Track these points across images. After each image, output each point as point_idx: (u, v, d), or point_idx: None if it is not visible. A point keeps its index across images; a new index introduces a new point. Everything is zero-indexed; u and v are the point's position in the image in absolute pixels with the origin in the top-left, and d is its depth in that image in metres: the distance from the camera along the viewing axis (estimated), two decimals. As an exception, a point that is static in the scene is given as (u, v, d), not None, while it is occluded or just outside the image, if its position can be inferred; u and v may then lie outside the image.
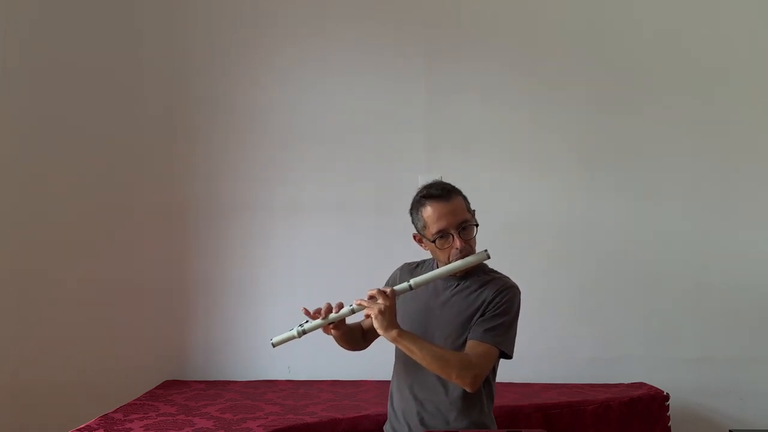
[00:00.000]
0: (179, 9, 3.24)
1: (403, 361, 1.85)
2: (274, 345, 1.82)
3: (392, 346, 2.22)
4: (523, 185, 3.14)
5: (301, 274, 3.15)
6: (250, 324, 3.16)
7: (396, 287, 1.74)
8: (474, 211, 1.86)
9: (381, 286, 1.77)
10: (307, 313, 1.78)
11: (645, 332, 3.09)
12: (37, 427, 3.06)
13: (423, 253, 1.97)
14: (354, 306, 1.73)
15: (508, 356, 1.76)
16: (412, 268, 1.98)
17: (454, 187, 1.83)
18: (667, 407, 2.71)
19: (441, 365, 1.66)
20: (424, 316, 1.83)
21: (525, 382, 2.96)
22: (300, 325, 1.76)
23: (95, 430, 2.22)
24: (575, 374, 3.03)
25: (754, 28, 3.14)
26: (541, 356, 3.08)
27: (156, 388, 2.91)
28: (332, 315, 1.75)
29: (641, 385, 2.89)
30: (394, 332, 1.66)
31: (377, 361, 3.01)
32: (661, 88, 3.15)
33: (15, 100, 3.19)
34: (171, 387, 2.92)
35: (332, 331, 1.81)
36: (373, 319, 1.66)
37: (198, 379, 3.09)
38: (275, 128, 3.20)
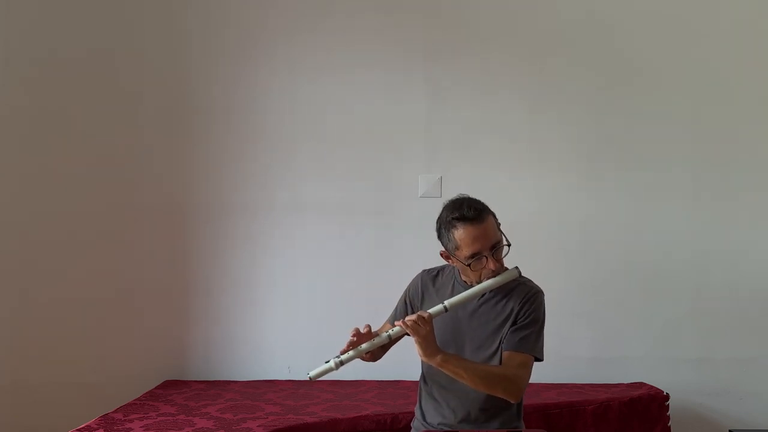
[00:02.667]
0: (179, 8, 3.24)
1: (430, 366, 1.85)
2: (311, 379, 1.84)
3: (394, 349, 2.23)
4: (523, 185, 3.14)
5: (302, 274, 3.15)
6: (250, 324, 3.16)
7: (432, 311, 1.74)
8: (501, 229, 1.88)
9: (399, 293, 1.84)
10: (355, 332, 1.79)
11: (645, 332, 3.09)
12: (37, 427, 3.06)
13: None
14: (391, 333, 1.77)
15: (541, 360, 1.83)
16: (433, 276, 1.99)
17: (485, 206, 1.85)
18: (667, 407, 2.71)
19: (488, 384, 1.71)
20: (453, 327, 1.85)
21: (525, 382, 2.96)
22: (337, 357, 1.77)
23: (95, 430, 2.22)
24: (575, 374, 3.03)
25: (756, 28, 3.14)
26: (541, 356, 3.08)
27: (156, 388, 2.91)
28: (364, 345, 1.77)
29: (641, 385, 2.89)
30: (438, 358, 1.69)
31: (377, 362, 3.03)
32: (661, 88, 3.14)
33: (15, 100, 3.19)
34: (171, 387, 2.92)
35: (367, 356, 1.85)
36: (417, 346, 1.68)
37: (198, 379, 3.09)
38: (275, 128, 3.20)
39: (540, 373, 2.94)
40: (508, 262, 2.02)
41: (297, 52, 3.20)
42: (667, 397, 2.72)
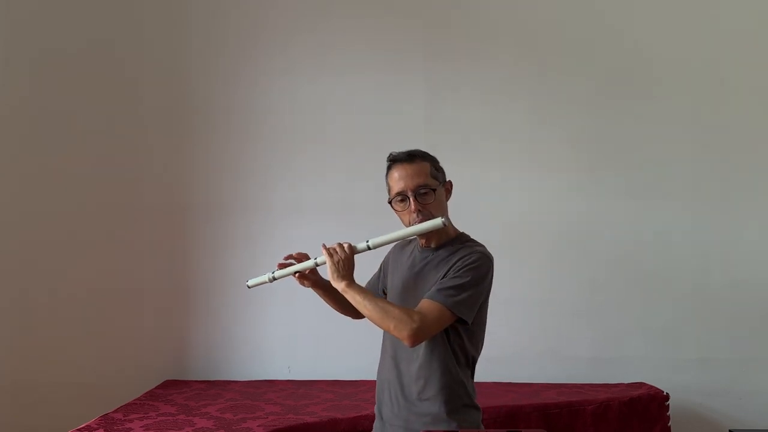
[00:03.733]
0: (180, 8, 3.24)
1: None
2: (249, 287, 1.94)
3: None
4: (524, 185, 3.14)
5: (301, 274, 3.14)
6: (250, 324, 3.16)
7: (356, 245, 1.80)
8: (449, 182, 1.85)
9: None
10: (287, 258, 1.88)
11: (645, 332, 3.09)
12: (37, 427, 3.06)
13: None
14: (317, 259, 1.81)
15: (465, 321, 1.69)
16: (405, 243, 1.98)
17: (426, 154, 1.85)
18: (667, 407, 2.71)
19: (381, 316, 1.65)
20: (402, 288, 1.85)
21: (525, 382, 2.96)
22: (272, 272, 1.88)
23: (95, 430, 2.22)
24: (575, 374, 3.03)
25: (756, 28, 3.14)
26: (541, 356, 3.08)
27: (156, 388, 2.91)
28: (297, 265, 1.85)
29: (641, 385, 2.89)
30: (343, 283, 1.72)
31: (377, 361, 3.02)
32: (661, 88, 3.14)
33: (15, 100, 3.19)
34: (171, 387, 2.92)
35: (305, 283, 1.89)
36: (328, 268, 1.73)
37: (198, 379, 3.09)
38: (275, 128, 3.20)
39: (540, 373, 2.98)
40: (508, 260, 2.02)
41: (297, 52, 3.21)
42: (667, 397, 2.72)
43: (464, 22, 3.19)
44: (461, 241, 1.82)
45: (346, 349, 3.07)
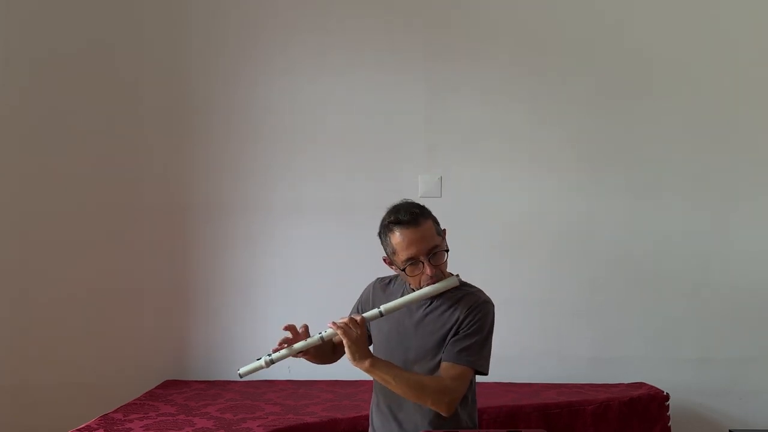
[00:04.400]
0: (180, 8, 3.24)
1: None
2: (241, 376, 1.80)
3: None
4: (524, 185, 3.14)
5: (301, 274, 3.15)
6: (250, 324, 3.16)
7: (366, 315, 1.72)
8: (444, 231, 1.82)
9: (353, 309, 1.76)
10: (290, 329, 1.77)
11: (645, 332, 3.09)
12: (37, 427, 3.06)
13: None
14: (323, 334, 1.72)
15: (484, 373, 1.75)
16: (385, 284, 1.95)
17: (423, 209, 1.79)
18: (667, 407, 2.71)
19: (416, 393, 1.65)
20: (398, 336, 1.81)
21: (525, 382, 2.96)
22: (268, 355, 1.76)
23: (95, 430, 2.22)
24: (575, 374, 3.03)
25: (755, 28, 3.14)
26: (541, 356, 3.08)
27: (156, 388, 2.91)
28: (298, 344, 1.74)
29: (641, 385, 2.89)
30: (366, 363, 1.66)
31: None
32: (661, 88, 3.14)
33: (15, 100, 3.19)
34: (171, 387, 2.92)
35: (300, 356, 1.78)
36: (346, 349, 1.66)
37: (198, 379, 3.09)
38: (275, 128, 3.20)
39: (540, 373, 2.98)
40: (509, 260, 2.02)
41: (297, 52, 3.21)
42: (667, 397, 2.72)
43: (464, 22, 3.19)
44: (458, 286, 1.79)
45: (346, 349, 3.06)
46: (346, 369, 3.02)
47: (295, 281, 3.15)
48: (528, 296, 3.08)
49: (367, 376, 3.00)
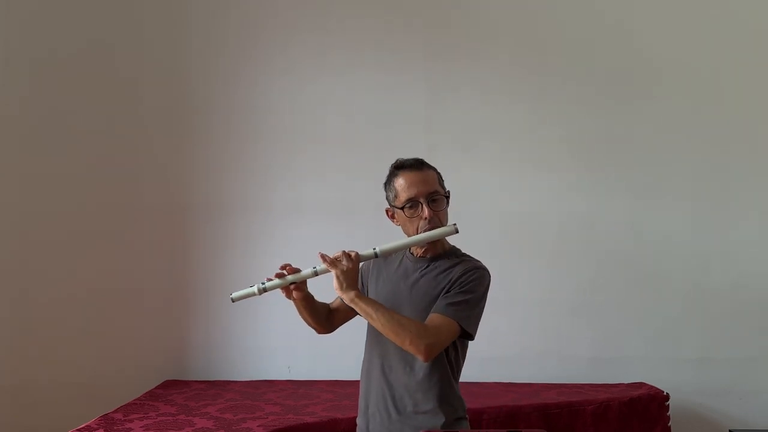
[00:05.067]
0: (180, 8, 3.24)
1: (375, 341, 1.82)
2: (233, 300, 1.80)
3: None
4: (524, 185, 3.14)
5: (301, 274, 3.14)
6: (250, 324, 3.16)
7: (361, 252, 1.74)
8: (448, 191, 1.85)
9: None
10: (285, 266, 1.80)
11: (645, 332, 3.09)
12: (37, 427, 3.06)
13: None
14: (317, 268, 1.74)
15: (470, 336, 1.72)
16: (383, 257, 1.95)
17: (428, 164, 1.85)
18: (667, 407, 2.71)
19: (396, 330, 1.63)
20: (394, 297, 1.82)
21: (525, 382, 2.96)
22: (262, 283, 1.77)
23: (95, 430, 2.22)
24: (575, 374, 3.03)
25: (755, 29, 3.14)
26: (541, 356, 3.08)
27: (156, 388, 2.91)
28: (291, 276, 1.77)
29: (641, 385, 2.89)
30: (352, 293, 1.67)
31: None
32: (661, 88, 3.15)
33: (15, 99, 3.19)
34: (171, 387, 2.92)
35: (294, 294, 1.80)
36: (334, 279, 1.67)
37: (198, 379, 3.09)
38: (275, 128, 3.20)
39: (540, 373, 2.98)
40: (508, 260, 2.02)
41: (297, 51, 3.21)
42: (667, 397, 2.72)
43: (464, 22, 3.20)
44: (457, 255, 1.83)
45: (346, 349, 3.05)
46: (346, 369, 3.05)
47: (281, 293, 3.14)
48: (528, 296, 3.08)
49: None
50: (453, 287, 1.72)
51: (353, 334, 2.58)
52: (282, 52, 3.21)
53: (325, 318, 1.95)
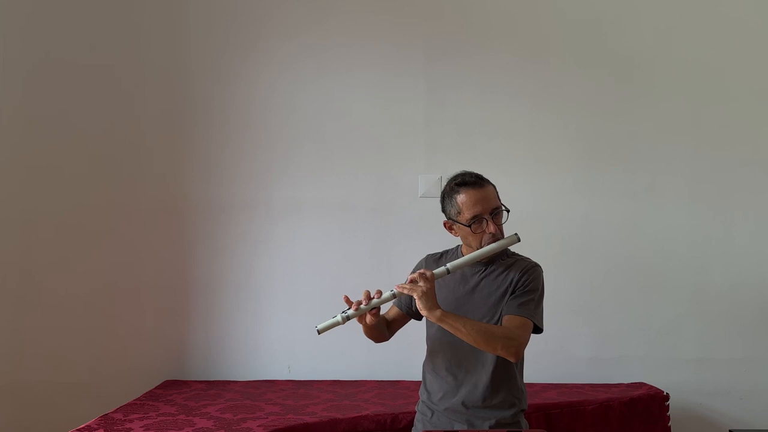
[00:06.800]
0: (178, 8, 3.24)
1: (439, 342, 1.95)
2: (319, 332, 1.87)
3: (394, 345, 2.24)
4: (523, 185, 3.14)
5: (301, 274, 3.15)
6: (250, 324, 3.16)
7: (435, 270, 1.83)
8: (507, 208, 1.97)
9: (393, 284, 1.84)
10: (347, 301, 1.87)
11: (645, 332, 3.09)
12: (37, 427, 3.07)
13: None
14: (395, 290, 1.82)
15: (540, 329, 1.88)
16: (436, 258, 2.07)
17: (486, 178, 1.97)
18: (667, 407, 2.71)
19: (487, 339, 1.75)
20: (455, 302, 1.92)
21: (525, 382, 2.95)
22: (343, 312, 1.85)
23: (95, 430, 2.22)
24: (575, 374, 3.04)
25: (755, 28, 3.14)
26: (541, 356, 3.07)
27: (156, 388, 2.91)
28: (374, 301, 1.84)
29: (641, 385, 2.89)
30: (438, 312, 1.76)
31: (377, 361, 3.04)
32: (661, 88, 3.15)
33: (13, 98, 3.19)
34: (171, 387, 2.92)
35: (369, 318, 1.87)
36: (417, 300, 1.75)
37: (198, 379, 3.09)
38: (275, 128, 3.20)
39: (540, 373, 2.98)
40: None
41: (297, 52, 3.21)
42: (667, 397, 2.72)
43: (464, 22, 3.20)
44: (509, 254, 1.99)
45: (346, 349, 3.07)
46: (346, 369, 3.05)
47: (295, 281, 3.15)
48: (528, 296, 3.08)
49: (367, 377, 3.04)
50: (518, 288, 1.87)
51: (353, 334, 2.59)
52: (282, 52, 3.21)
53: (386, 330, 2.08)
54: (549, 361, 3.06)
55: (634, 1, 3.18)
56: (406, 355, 2.71)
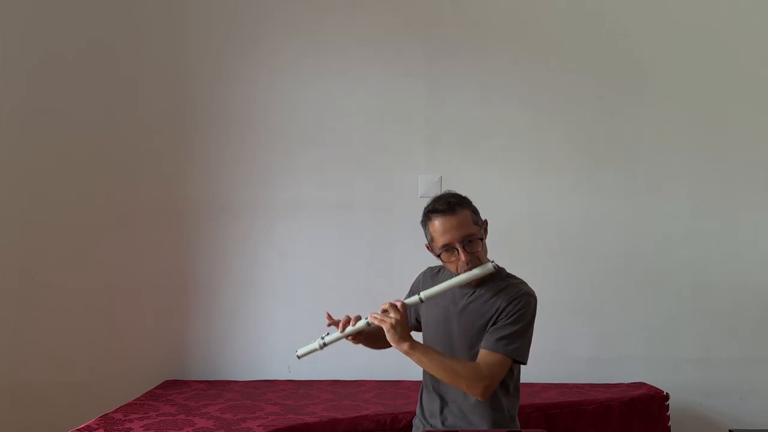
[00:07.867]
0: (178, 8, 3.24)
1: None
2: (299, 357, 1.91)
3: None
4: (524, 185, 3.14)
5: (301, 274, 3.15)
6: (250, 324, 3.16)
7: (407, 300, 1.79)
8: (485, 222, 1.91)
9: (393, 285, 1.83)
10: (330, 318, 1.88)
11: (645, 332, 3.09)
12: (37, 427, 3.07)
13: (431, 257, 2.03)
14: (369, 320, 1.79)
15: (522, 363, 1.80)
16: (434, 273, 2.02)
17: (462, 199, 1.86)
18: (667, 407, 2.71)
19: (451, 377, 1.71)
20: (444, 323, 1.88)
21: (525, 382, 2.94)
22: (321, 338, 1.86)
23: (95, 430, 2.22)
24: (575, 374, 3.03)
25: (756, 29, 3.14)
26: (541, 356, 3.04)
27: (156, 388, 2.91)
28: (348, 329, 1.82)
29: (641, 385, 2.89)
30: (405, 345, 1.72)
31: (377, 361, 3.03)
32: (662, 88, 3.14)
33: (13, 98, 3.19)
34: (171, 387, 2.92)
35: (351, 341, 1.88)
36: (386, 332, 1.73)
37: (198, 379, 3.09)
38: (275, 128, 3.20)
39: (540, 373, 2.97)
40: (508, 260, 2.02)
41: (297, 52, 3.21)
42: (667, 397, 2.72)
43: (464, 22, 3.20)
44: (501, 277, 1.88)
45: (346, 349, 3.05)
46: (346, 369, 3.05)
47: (295, 281, 3.15)
48: (528, 296, 3.08)
49: (367, 377, 3.04)
50: (500, 318, 1.77)
51: (353, 334, 2.58)
52: (282, 52, 3.21)
53: (383, 339, 2.01)
54: (549, 361, 3.06)
55: (634, 2, 3.18)
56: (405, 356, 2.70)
